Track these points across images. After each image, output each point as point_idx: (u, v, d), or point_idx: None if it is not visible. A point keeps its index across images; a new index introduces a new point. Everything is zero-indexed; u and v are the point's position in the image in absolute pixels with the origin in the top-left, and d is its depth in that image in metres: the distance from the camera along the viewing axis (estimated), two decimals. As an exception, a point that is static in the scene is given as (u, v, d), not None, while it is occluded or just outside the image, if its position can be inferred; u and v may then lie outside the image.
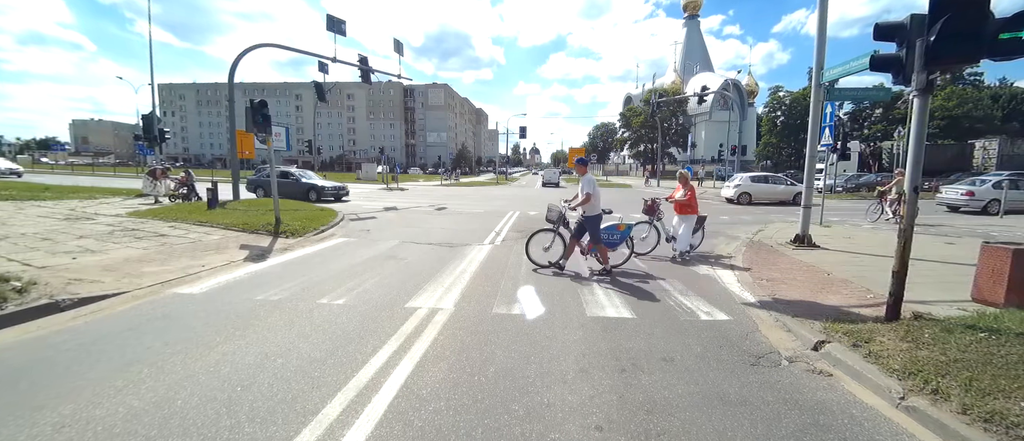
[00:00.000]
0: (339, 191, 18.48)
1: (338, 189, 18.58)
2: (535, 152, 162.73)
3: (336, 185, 18.99)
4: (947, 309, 4.54)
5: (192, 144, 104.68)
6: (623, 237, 6.62)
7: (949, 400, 2.68)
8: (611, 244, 6.53)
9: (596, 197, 6.07)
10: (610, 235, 6.54)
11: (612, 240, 6.54)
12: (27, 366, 3.23)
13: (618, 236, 6.59)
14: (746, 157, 60.72)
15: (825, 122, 10.19)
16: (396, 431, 2.47)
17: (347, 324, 4.14)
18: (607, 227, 6.51)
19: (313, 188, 17.58)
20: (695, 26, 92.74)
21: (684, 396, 2.91)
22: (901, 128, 33.76)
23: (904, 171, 5.18)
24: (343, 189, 18.88)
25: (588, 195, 6.02)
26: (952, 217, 14.73)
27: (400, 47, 21.41)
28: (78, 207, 12.33)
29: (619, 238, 6.61)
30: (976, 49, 3.50)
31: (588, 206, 6.07)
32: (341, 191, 18.59)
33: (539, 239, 6.63)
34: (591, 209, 6.10)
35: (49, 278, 5.13)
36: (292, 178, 17.95)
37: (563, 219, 6.48)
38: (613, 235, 6.56)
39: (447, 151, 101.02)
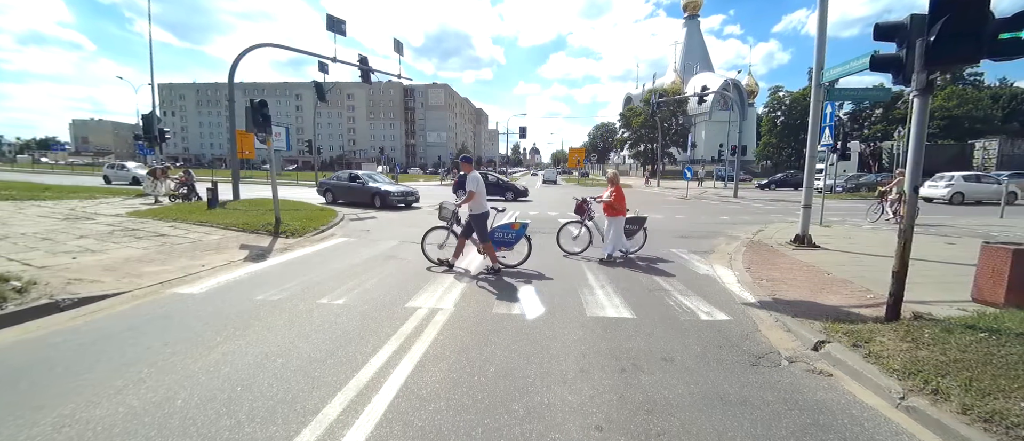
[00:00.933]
0: (408, 197, 15.66)
1: (407, 194, 15.69)
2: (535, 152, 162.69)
3: (405, 189, 16.20)
4: (947, 309, 4.54)
5: (192, 144, 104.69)
6: (518, 236, 6.54)
7: (949, 400, 2.68)
8: (506, 243, 6.51)
9: (480, 195, 6.11)
10: (505, 234, 6.52)
11: (507, 239, 6.52)
12: (27, 366, 3.23)
13: (513, 235, 6.54)
14: (746, 157, 60.76)
15: (825, 122, 10.19)
16: (396, 431, 2.47)
17: (347, 324, 4.14)
18: (501, 225, 6.55)
19: (377, 193, 15.17)
20: (695, 26, 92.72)
21: (684, 396, 2.91)
22: (901, 128, 33.77)
23: (904, 171, 5.18)
24: (412, 194, 15.92)
25: (471, 193, 6.04)
26: (954, 217, 14.72)
27: (400, 47, 21.43)
28: (78, 207, 12.33)
29: (515, 237, 6.54)
30: (976, 49, 3.50)
31: (472, 204, 6.07)
32: (410, 197, 15.72)
33: (433, 237, 6.69)
34: (476, 207, 6.10)
35: (49, 278, 5.13)
36: (359, 182, 15.99)
37: (456, 217, 6.48)
38: (508, 234, 6.53)
39: (447, 151, 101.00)
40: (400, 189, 16.10)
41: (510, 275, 6.14)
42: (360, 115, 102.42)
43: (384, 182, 16.57)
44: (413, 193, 16.05)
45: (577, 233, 7.73)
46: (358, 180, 16.09)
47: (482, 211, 6.16)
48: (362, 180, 16.03)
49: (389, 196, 14.99)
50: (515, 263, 6.56)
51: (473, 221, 6.17)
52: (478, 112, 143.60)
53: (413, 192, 16.16)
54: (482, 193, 6.14)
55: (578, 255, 7.41)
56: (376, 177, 17.20)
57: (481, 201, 6.13)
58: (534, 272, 6.30)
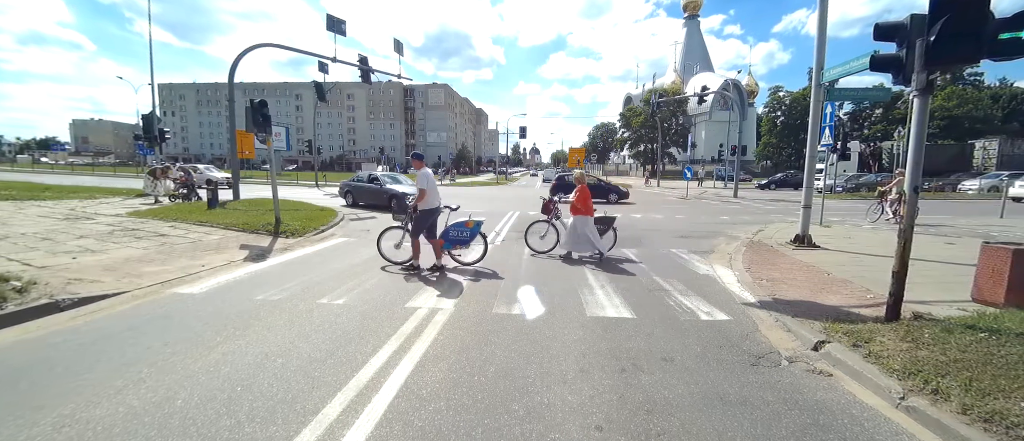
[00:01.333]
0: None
1: None
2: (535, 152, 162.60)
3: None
4: (947, 309, 4.54)
5: (192, 144, 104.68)
6: (473, 234, 6.62)
7: (949, 400, 2.68)
8: (461, 241, 6.61)
9: (431, 192, 6.19)
10: (459, 232, 6.61)
11: (462, 237, 6.62)
12: (27, 366, 3.23)
13: (467, 233, 6.62)
14: (746, 157, 60.77)
15: (825, 122, 10.19)
16: (396, 431, 2.47)
17: (347, 324, 4.14)
18: (456, 224, 6.63)
19: (393, 196, 13.63)
20: (695, 26, 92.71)
21: (684, 396, 2.91)
22: (901, 128, 33.78)
23: (904, 171, 5.18)
24: None
25: (422, 191, 6.14)
26: (954, 217, 14.72)
27: (400, 47, 21.43)
28: (78, 207, 12.33)
29: (469, 235, 6.63)
30: (976, 49, 3.50)
31: (423, 201, 6.16)
32: None
33: (390, 236, 6.77)
34: (425, 203, 6.19)
35: (49, 278, 5.13)
36: (376, 183, 15.02)
37: (412, 216, 6.48)
38: (462, 232, 6.62)
39: (447, 151, 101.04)
40: (412, 190, 14.25)
41: (507, 275, 6.14)
42: (360, 115, 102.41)
43: (404, 184, 15.24)
44: None
45: (544, 232, 7.87)
46: (376, 181, 15.16)
47: (431, 207, 6.25)
48: (380, 181, 15.09)
49: (406, 199, 13.91)
50: (471, 261, 6.61)
51: (420, 218, 6.24)
52: (478, 112, 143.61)
53: None
54: (433, 190, 6.25)
55: (545, 254, 7.47)
56: (398, 178, 16.11)
57: (431, 198, 6.21)
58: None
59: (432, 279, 5.83)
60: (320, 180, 33.00)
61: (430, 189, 6.16)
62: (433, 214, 6.31)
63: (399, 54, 21.49)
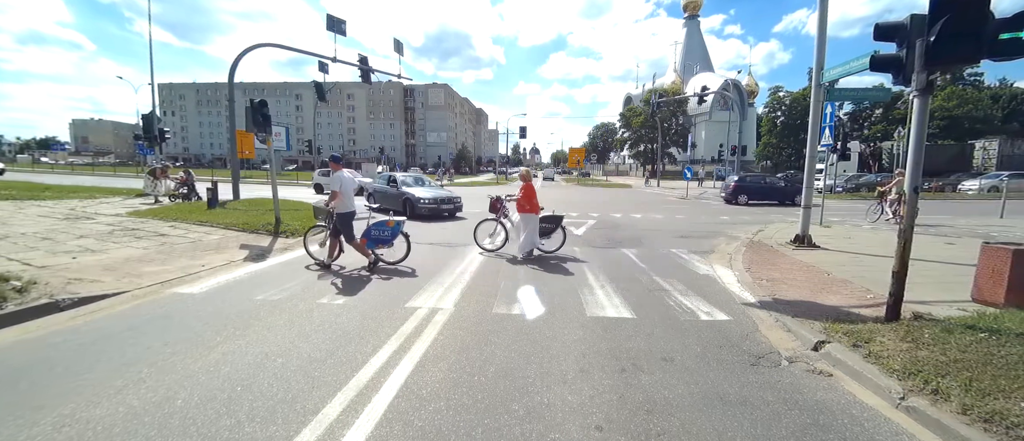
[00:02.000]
0: (444, 205, 12.67)
1: (442, 202, 12.66)
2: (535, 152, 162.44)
3: (440, 196, 12.99)
4: (947, 309, 4.54)
5: (192, 144, 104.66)
6: (394, 233, 6.64)
7: (949, 400, 2.68)
8: (383, 240, 6.62)
9: (345, 195, 6.21)
10: (380, 232, 6.62)
11: (383, 236, 6.62)
12: (27, 366, 3.23)
13: (388, 232, 6.63)
14: (746, 157, 60.76)
15: (825, 122, 10.19)
16: (396, 431, 2.47)
17: (347, 324, 4.14)
18: (377, 223, 6.66)
19: (407, 200, 12.65)
20: (695, 26, 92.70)
21: (684, 396, 2.91)
22: (901, 128, 33.78)
23: (904, 171, 5.18)
24: (451, 201, 12.95)
25: (335, 193, 6.13)
26: (953, 217, 14.73)
27: (400, 47, 21.43)
28: (78, 207, 12.33)
29: (390, 234, 6.63)
30: (976, 49, 3.50)
31: (338, 203, 6.16)
32: (448, 205, 12.78)
33: (314, 235, 6.83)
34: (341, 207, 6.21)
35: (49, 278, 5.13)
36: (393, 185, 13.89)
37: (332, 215, 6.48)
38: (384, 232, 6.63)
39: (447, 151, 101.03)
40: (434, 195, 12.92)
41: (507, 275, 6.14)
42: (360, 115, 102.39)
43: (421, 186, 14.11)
44: (452, 200, 13.04)
45: (492, 231, 7.94)
46: (393, 183, 14.05)
47: (347, 210, 6.28)
48: (397, 183, 13.97)
49: (418, 204, 12.37)
50: (394, 260, 6.64)
51: (338, 220, 6.26)
52: (478, 112, 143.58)
53: (453, 199, 13.11)
54: (348, 193, 6.26)
55: (494, 253, 7.50)
56: (423, 180, 15.11)
57: (347, 201, 6.25)
58: (531, 270, 6.30)
59: (436, 278, 5.83)
60: (320, 180, 32.97)
61: (345, 192, 6.21)
62: (353, 216, 6.41)
63: (399, 54, 21.49)
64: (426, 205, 12.45)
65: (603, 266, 6.78)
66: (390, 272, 6.24)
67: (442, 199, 12.80)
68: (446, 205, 12.79)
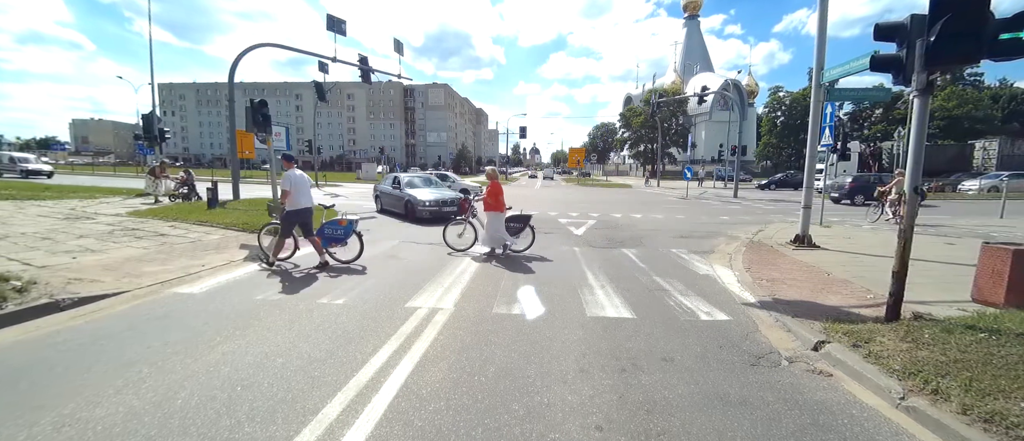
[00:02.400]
0: (447, 207, 11.54)
1: (445, 204, 11.66)
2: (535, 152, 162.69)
3: (443, 197, 12.06)
4: (947, 309, 4.54)
5: (192, 144, 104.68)
6: (347, 232, 6.74)
7: (949, 400, 2.68)
8: (336, 238, 6.74)
9: (296, 193, 6.27)
10: (334, 230, 6.74)
11: (336, 235, 6.75)
12: (27, 366, 3.23)
13: (341, 231, 6.76)
14: (746, 157, 60.77)
15: (825, 122, 10.20)
16: (396, 431, 2.47)
17: (347, 324, 4.14)
18: (330, 222, 6.80)
19: (409, 202, 11.85)
20: (695, 26, 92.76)
21: (684, 396, 2.91)
22: (901, 128, 33.77)
23: (904, 171, 5.18)
24: (455, 203, 11.73)
25: (284, 191, 6.23)
26: (953, 217, 14.74)
27: (400, 47, 21.43)
28: (78, 206, 12.33)
29: (343, 233, 6.75)
30: (976, 49, 3.50)
31: (288, 201, 6.23)
32: (450, 207, 11.53)
33: (266, 233, 6.90)
34: (291, 204, 6.26)
35: (49, 277, 5.13)
36: (396, 186, 13.05)
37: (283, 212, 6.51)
38: (336, 230, 6.75)
39: (447, 151, 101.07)
40: (437, 197, 11.98)
41: (507, 275, 6.14)
42: (360, 115, 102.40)
43: (428, 187, 13.20)
44: (455, 202, 11.86)
45: (461, 231, 8.01)
46: (397, 184, 13.24)
47: (298, 207, 6.32)
48: (400, 184, 13.21)
49: (418, 207, 11.60)
50: (347, 259, 6.71)
51: (285, 217, 6.32)
52: (478, 112, 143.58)
53: (455, 200, 11.98)
54: (298, 191, 6.31)
55: (463, 252, 7.54)
56: (428, 180, 14.13)
57: (297, 198, 6.30)
58: (532, 265, 6.30)
59: (436, 279, 5.83)
60: (320, 180, 33.01)
61: (294, 190, 6.26)
62: (301, 214, 6.39)
63: (399, 54, 21.49)
64: (427, 208, 11.50)
65: (603, 266, 6.78)
66: (390, 272, 6.23)
67: (446, 201, 11.88)
68: (449, 207, 11.53)
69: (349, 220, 6.76)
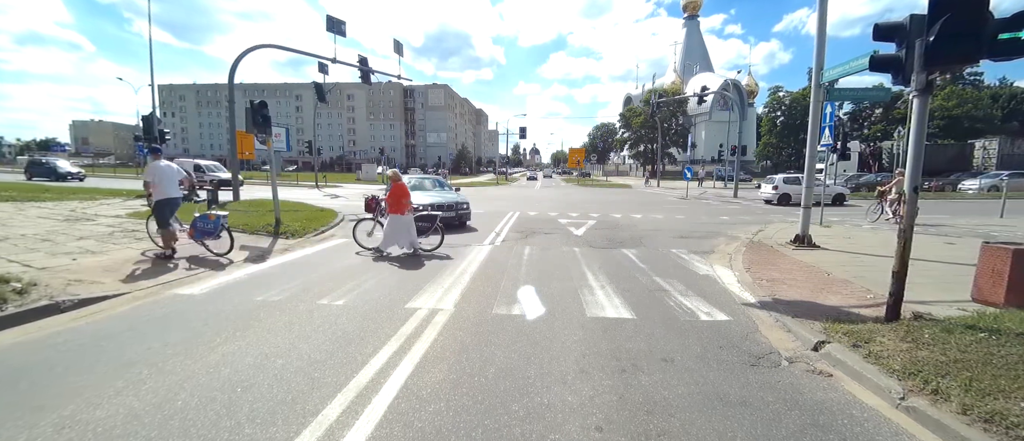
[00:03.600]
0: (436, 212, 8.85)
1: (436, 208, 9.64)
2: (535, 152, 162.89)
3: (437, 200, 10.52)
4: (947, 309, 4.54)
5: (192, 145, 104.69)
6: (217, 225, 6.99)
7: (949, 400, 2.68)
8: (207, 232, 7.00)
9: (160, 184, 6.72)
10: (205, 224, 6.99)
11: (207, 228, 6.99)
12: (27, 367, 3.23)
13: (211, 225, 6.99)
14: (746, 157, 60.79)
15: (825, 122, 10.20)
16: (396, 432, 2.47)
17: (347, 325, 4.14)
18: (202, 215, 7.07)
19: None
20: (695, 26, 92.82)
21: (684, 396, 2.91)
22: (901, 128, 33.78)
23: (904, 171, 5.18)
24: (449, 207, 10.40)
25: (146, 183, 6.72)
26: (953, 217, 14.73)
27: (400, 47, 21.45)
28: (78, 208, 12.32)
29: (213, 226, 6.98)
30: (975, 49, 3.50)
31: (156, 191, 6.65)
32: (444, 212, 9.55)
33: (151, 225, 7.31)
34: (158, 194, 6.70)
35: (49, 279, 5.13)
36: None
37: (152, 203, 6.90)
38: (207, 224, 6.99)
39: (447, 151, 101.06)
40: (429, 201, 10.31)
41: (507, 275, 6.13)
42: (360, 116, 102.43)
43: (423, 192, 11.64)
44: (451, 206, 10.47)
45: (370, 229, 8.28)
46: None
47: (165, 198, 6.77)
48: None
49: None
50: (222, 252, 6.99)
51: (156, 207, 6.73)
52: (478, 112, 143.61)
53: (452, 204, 10.56)
54: (165, 182, 6.80)
55: (371, 251, 7.64)
56: (436, 181, 13.06)
57: (165, 189, 6.76)
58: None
59: (436, 279, 5.82)
60: (320, 181, 33.03)
61: (159, 182, 6.68)
62: (172, 203, 6.89)
63: (399, 54, 21.52)
64: (417, 215, 8.77)
65: (603, 266, 6.78)
66: (391, 273, 6.24)
67: (437, 204, 10.10)
68: (440, 212, 9.31)
69: (218, 215, 7.09)
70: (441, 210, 9.87)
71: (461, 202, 11.01)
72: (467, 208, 11.13)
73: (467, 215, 11.15)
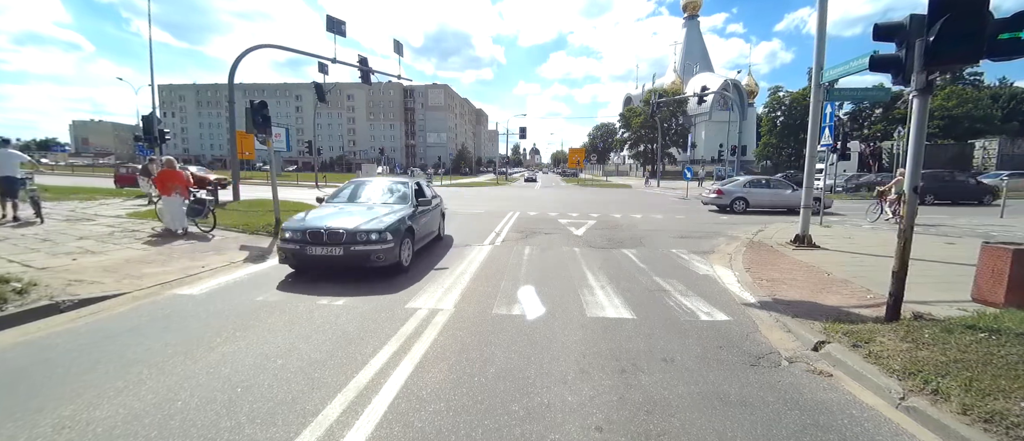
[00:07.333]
0: (321, 248, 5.72)
1: (320, 237, 5.77)
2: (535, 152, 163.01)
3: (319, 227, 5.85)
4: (947, 309, 4.54)
5: (192, 145, 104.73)
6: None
7: (949, 400, 2.68)
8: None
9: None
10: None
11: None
12: (27, 367, 3.23)
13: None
14: (746, 157, 60.76)
15: (825, 122, 10.19)
16: (396, 432, 2.47)
17: (347, 325, 4.14)
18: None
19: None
20: (695, 26, 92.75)
21: (684, 396, 2.91)
22: (901, 128, 33.77)
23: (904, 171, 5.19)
24: (354, 240, 5.79)
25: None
26: (953, 217, 14.72)
27: (400, 48, 21.46)
28: (78, 208, 12.32)
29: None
30: (975, 49, 3.50)
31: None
32: (330, 249, 5.73)
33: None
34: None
35: (49, 279, 5.13)
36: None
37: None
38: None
39: (447, 151, 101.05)
40: (310, 227, 6.38)
41: (508, 275, 6.13)
42: (360, 116, 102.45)
43: (333, 206, 8.33)
44: (357, 235, 5.86)
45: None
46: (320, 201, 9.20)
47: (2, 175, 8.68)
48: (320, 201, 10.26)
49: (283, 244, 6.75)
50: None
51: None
52: (478, 112, 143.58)
53: (387, 232, 6.05)
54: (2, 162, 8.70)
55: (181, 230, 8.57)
56: (384, 191, 9.15)
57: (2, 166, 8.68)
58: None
59: (436, 279, 5.82)
60: (320, 181, 33.04)
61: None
62: (2, 182, 9.05)
63: (399, 55, 21.52)
64: (286, 246, 5.93)
65: (603, 266, 6.78)
66: (391, 273, 6.23)
67: (362, 233, 5.79)
68: (374, 247, 5.76)
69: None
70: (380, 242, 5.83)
71: (372, 229, 5.87)
72: (398, 239, 6.10)
73: (396, 252, 6.04)
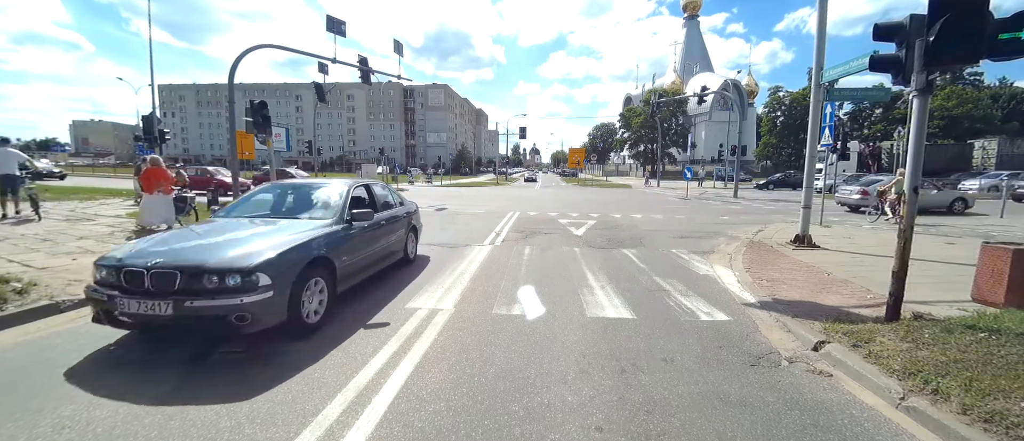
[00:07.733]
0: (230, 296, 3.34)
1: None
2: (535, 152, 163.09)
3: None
4: (947, 309, 4.54)
5: (192, 145, 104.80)
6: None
7: (949, 400, 2.68)
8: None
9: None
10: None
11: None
12: (27, 367, 3.22)
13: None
14: (746, 157, 60.80)
15: (825, 122, 10.19)
16: (396, 432, 2.47)
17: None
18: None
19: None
20: (695, 26, 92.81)
21: (684, 396, 2.91)
22: (901, 128, 33.78)
23: (904, 171, 5.19)
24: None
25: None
26: (954, 217, 14.71)
27: (400, 48, 21.41)
28: (78, 208, 12.32)
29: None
30: (975, 49, 3.50)
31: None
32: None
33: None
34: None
35: (49, 279, 5.12)
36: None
37: None
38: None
39: (447, 151, 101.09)
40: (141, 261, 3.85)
41: (508, 275, 6.12)
42: (360, 116, 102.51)
43: (280, 222, 5.89)
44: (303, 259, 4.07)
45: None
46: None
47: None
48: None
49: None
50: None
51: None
52: (478, 112, 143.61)
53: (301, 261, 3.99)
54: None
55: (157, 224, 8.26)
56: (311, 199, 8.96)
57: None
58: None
59: (435, 279, 5.82)
60: (320, 181, 33.02)
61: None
62: (2, 180, 9.42)
63: (399, 55, 21.47)
64: (96, 294, 3.47)
65: (603, 266, 6.78)
66: (391, 273, 6.23)
67: (143, 274, 3.32)
68: (153, 304, 3.23)
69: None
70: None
71: (275, 261, 3.58)
72: (286, 281, 3.64)
73: (281, 304, 3.59)
